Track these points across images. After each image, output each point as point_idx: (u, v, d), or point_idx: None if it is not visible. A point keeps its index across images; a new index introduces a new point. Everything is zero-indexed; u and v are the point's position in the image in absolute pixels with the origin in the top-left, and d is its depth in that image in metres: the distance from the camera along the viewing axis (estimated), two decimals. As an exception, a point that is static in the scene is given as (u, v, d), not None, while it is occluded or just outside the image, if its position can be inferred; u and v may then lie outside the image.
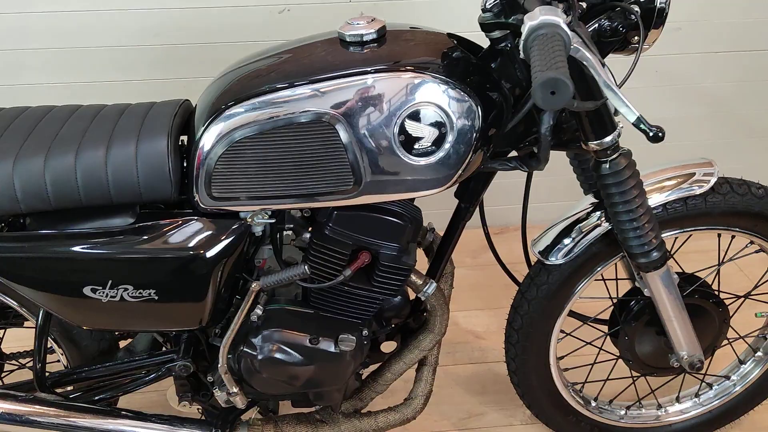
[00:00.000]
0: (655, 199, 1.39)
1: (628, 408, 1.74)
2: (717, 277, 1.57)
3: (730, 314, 1.57)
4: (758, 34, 2.44)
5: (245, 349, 1.31)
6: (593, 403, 1.71)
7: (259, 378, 1.33)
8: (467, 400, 1.96)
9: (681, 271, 1.57)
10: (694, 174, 1.40)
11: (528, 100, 1.20)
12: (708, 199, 1.40)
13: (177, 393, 1.47)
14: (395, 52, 1.17)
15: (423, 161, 1.16)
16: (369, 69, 1.13)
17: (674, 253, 1.55)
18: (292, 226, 1.35)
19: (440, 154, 1.16)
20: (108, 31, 2.20)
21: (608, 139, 1.22)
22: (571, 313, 1.63)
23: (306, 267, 1.25)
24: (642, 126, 1.00)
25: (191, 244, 1.21)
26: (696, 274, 1.55)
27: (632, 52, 1.24)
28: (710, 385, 1.74)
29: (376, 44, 1.18)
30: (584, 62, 0.98)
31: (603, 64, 0.99)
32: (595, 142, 1.22)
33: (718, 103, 2.57)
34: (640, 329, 1.54)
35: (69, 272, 1.21)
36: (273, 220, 1.25)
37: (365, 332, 1.36)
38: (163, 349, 1.49)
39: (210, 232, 1.22)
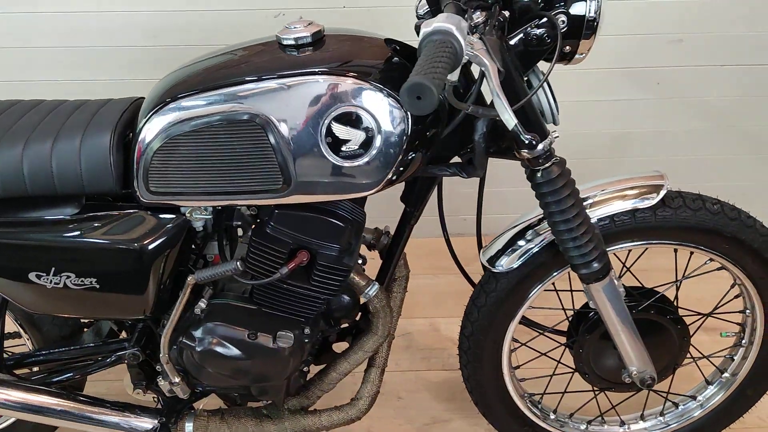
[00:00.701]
0: (602, 211, 1.38)
1: (589, 423, 1.71)
2: (676, 293, 1.54)
3: (691, 332, 1.53)
4: (764, 47, 2.37)
5: (185, 341, 1.34)
6: (552, 416, 1.69)
7: (199, 369, 1.37)
8: (434, 406, 1.96)
9: (640, 285, 1.55)
10: (644, 186, 1.38)
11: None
12: (657, 213, 1.37)
13: (132, 381, 1.51)
14: (327, 56, 1.19)
15: (350, 164, 1.17)
16: (298, 72, 1.15)
17: (631, 266, 1.53)
18: (239, 222, 1.39)
19: (368, 157, 1.17)
20: (110, 31, 2.28)
21: (539, 147, 1.21)
22: (530, 323, 1.62)
23: (238, 263, 1.27)
24: (520, 135, 1.00)
25: (129, 237, 1.25)
26: (656, 289, 1.52)
27: (573, 62, 1.23)
28: (676, 405, 1.70)
29: (311, 48, 1.21)
30: (482, 68, 0.98)
31: (501, 72, 0.99)
32: (526, 151, 1.22)
33: (721, 118, 2.51)
34: (595, 342, 1.52)
35: (15, 258, 1.27)
36: (209, 216, 1.29)
37: (307, 331, 1.38)
38: (122, 336, 1.54)
39: (149, 226, 1.26)
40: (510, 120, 0.98)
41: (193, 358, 1.35)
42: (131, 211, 1.27)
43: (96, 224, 1.26)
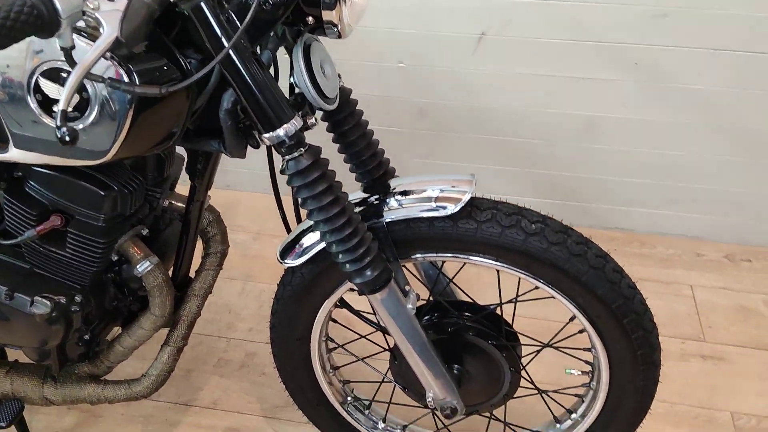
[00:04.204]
0: (396, 213, 1.17)
1: (424, 439, 1.54)
2: (510, 316, 1.32)
3: (521, 360, 1.32)
4: None
5: None
6: (381, 425, 1.53)
7: (-38, 322, 1.31)
8: (294, 388, 1.84)
9: (471, 301, 1.35)
10: (449, 191, 1.16)
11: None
12: (459, 224, 1.15)
13: None
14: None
15: None
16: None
17: (454, 276, 1.33)
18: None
19: (83, 122, 1.03)
20: None
21: (280, 132, 1.02)
22: (364, 319, 1.46)
23: None
24: (57, 123, 0.81)
25: None
26: (489, 306, 1.32)
27: (342, 36, 1.02)
28: (522, 437, 1.49)
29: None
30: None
31: (123, 42, 0.80)
32: (266, 136, 1.03)
33: (713, 112, 2.14)
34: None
35: None
36: None
37: (78, 299, 1.29)
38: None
39: None
40: (63, 101, 0.81)
41: (-49, 310, 1.29)
42: None
43: None
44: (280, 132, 1.02)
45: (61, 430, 1.71)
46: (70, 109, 1.02)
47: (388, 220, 1.17)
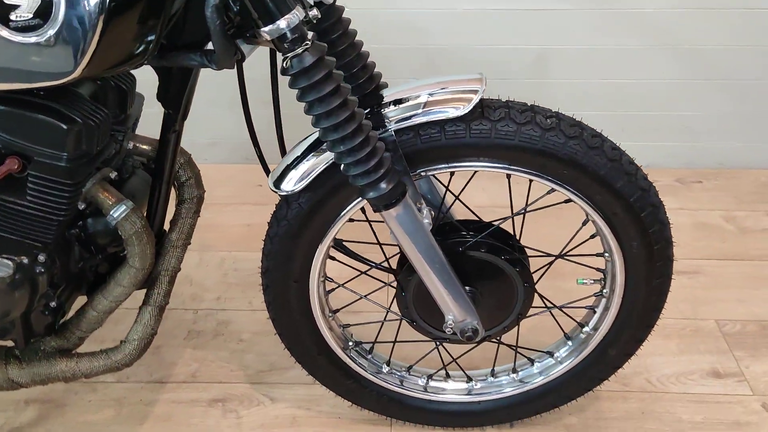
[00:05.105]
0: (402, 121, 1.08)
1: (430, 377, 1.46)
2: (518, 229, 1.26)
3: (533, 275, 1.27)
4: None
5: None
6: (385, 369, 1.44)
7: None
8: (277, 351, 1.69)
9: (477, 219, 1.28)
10: (457, 92, 1.08)
11: None
12: (472, 126, 1.08)
13: None
14: None
15: (26, 38, 0.89)
16: None
17: (460, 193, 1.25)
18: None
19: (49, 30, 0.88)
20: None
21: (281, 24, 0.91)
22: (356, 257, 1.36)
23: None
24: None
25: None
26: (494, 223, 1.25)
27: None
28: (532, 361, 1.44)
29: None
30: None
31: None
32: (266, 29, 0.92)
33: (663, 33, 2.16)
34: (416, 284, 1.25)
35: None
36: None
37: (42, 258, 1.13)
38: None
39: None
40: None
41: None
42: None
43: None
44: (282, 24, 0.91)
45: (24, 426, 1.52)
46: (30, 15, 0.88)
47: (395, 129, 1.08)
